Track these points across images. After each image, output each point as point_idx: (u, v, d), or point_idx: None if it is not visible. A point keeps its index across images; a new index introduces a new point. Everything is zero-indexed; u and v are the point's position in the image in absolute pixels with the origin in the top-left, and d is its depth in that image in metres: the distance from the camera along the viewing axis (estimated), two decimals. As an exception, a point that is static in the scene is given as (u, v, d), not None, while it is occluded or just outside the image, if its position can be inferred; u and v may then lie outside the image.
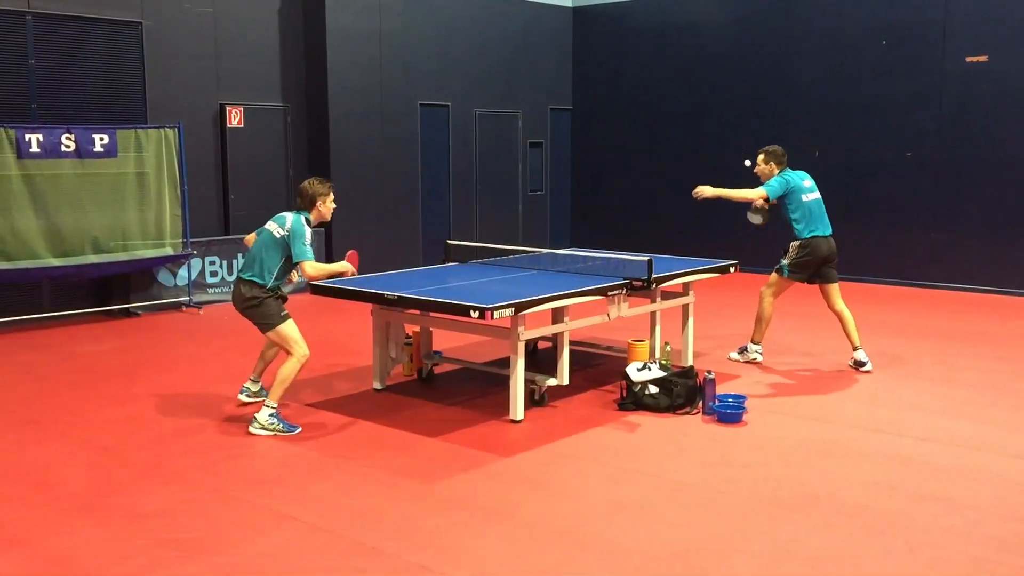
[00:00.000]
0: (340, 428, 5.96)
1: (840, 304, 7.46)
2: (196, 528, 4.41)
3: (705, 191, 7.40)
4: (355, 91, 11.72)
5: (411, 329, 7.12)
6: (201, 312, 10.07)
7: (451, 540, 4.28)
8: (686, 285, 7.39)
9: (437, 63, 12.71)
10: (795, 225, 7.38)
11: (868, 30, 11.80)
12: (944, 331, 8.97)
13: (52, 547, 4.22)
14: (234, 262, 10.70)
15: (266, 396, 6.10)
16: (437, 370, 7.32)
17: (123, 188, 9.50)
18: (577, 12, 14.66)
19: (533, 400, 6.37)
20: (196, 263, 10.37)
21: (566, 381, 6.35)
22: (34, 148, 8.78)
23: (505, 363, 6.32)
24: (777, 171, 7.48)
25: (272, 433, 5.73)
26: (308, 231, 5.91)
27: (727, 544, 4.24)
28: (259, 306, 5.85)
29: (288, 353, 5.87)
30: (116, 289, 9.93)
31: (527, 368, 6.18)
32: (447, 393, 6.80)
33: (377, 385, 6.84)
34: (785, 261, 7.45)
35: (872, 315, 9.77)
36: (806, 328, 8.85)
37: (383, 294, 6.20)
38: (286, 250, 5.87)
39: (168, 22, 10.29)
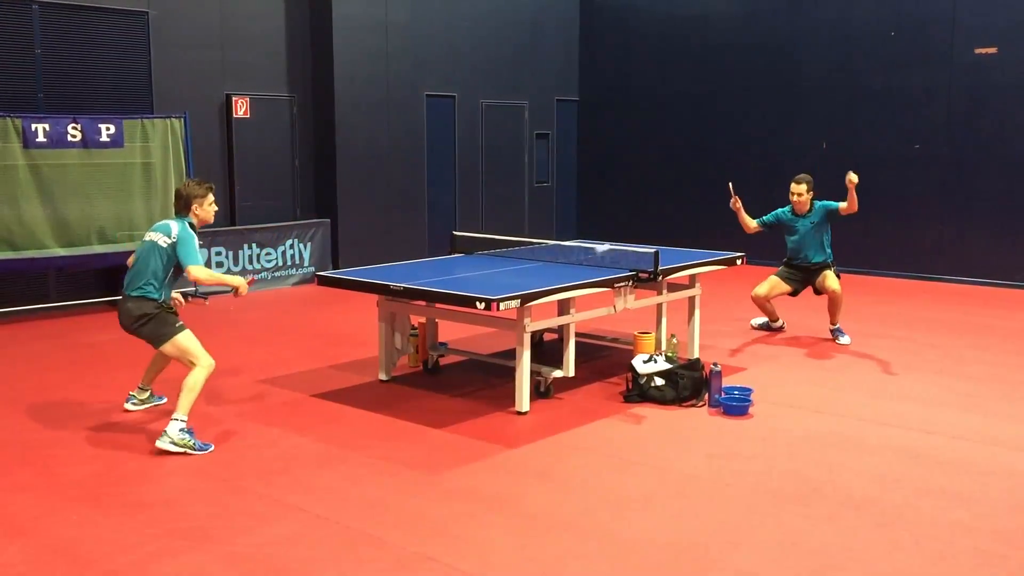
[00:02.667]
0: (346, 419, 5.96)
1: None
2: (201, 517, 4.42)
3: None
4: (361, 81, 11.69)
5: (417, 320, 7.11)
6: (207, 303, 10.02)
7: (456, 531, 4.28)
8: (693, 277, 7.37)
9: (444, 53, 12.68)
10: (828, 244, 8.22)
11: (876, 21, 11.74)
12: (951, 324, 8.94)
13: (57, 536, 4.23)
14: (240, 252, 10.71)
15: (157, 402, 6.15)
16: (443, 361, 7.31)
17: (129, 178, 9.49)
18: (584, 2, 14.60)
19: (539, 392, 6.36)
20: (202, 253, 10.36)
21: (572, 373, 6.34)
22: (40, 138, 8.78)
23: (511, 355, 6.31)
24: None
25: (183, 451, 5.23)
26: (195, 237, 5.65)
27: (733, 536, 4.23)
28: (151, 321, 5.51)
29: (191, 365, 5.48)
30: (122, 279, 9.91)
31: (533, 360, 6.16)
32: (453, 384, 6.79)
33: (383, 376, 6.83)
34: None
35: (879, 307, 9.74)
36: (816, 320, 8.82)
37: (389, 285, 6.20)
38: (173, 258, 5.59)
39: (174, 11, 10.27)
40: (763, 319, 8.50)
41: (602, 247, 7.52)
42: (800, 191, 8.07)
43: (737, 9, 13.03)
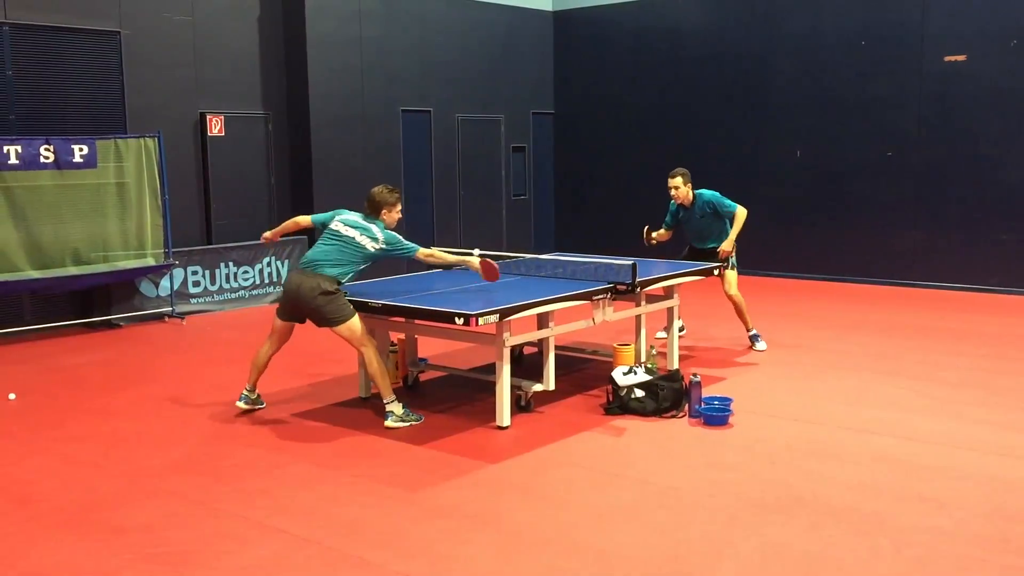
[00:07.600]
0: (326, 438, 5.93)
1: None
2: (181, 542, 4.38)
3: (727, 247, 8.16)
4: (336, 98, 11.69)
5: (396, 337, 7.10)
6: (184, 322, 10.01)
7: (439, 549, 4.27)
8: (671, 288, 7.40)
9: (419, 69, 12.70)
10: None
11: (846, 31, 11.87)
12: (926, 330, 9.02)
13: (35, 563, 4.18)
14: (216, 271, 10.64)
15: (260, 406, 6.50)
16: (423, 377, 7.29)
17: (103, 199, 9.43)
18: (558, 16, 14.68)
19: (519, 406, 6.36)
20: (178, 273, 10.31)
21: (552, 386, 6.35)
22: (12, 160, 8.71)
23: (491, 369, 6.30)
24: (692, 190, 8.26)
25: (408, 424, 6.05)
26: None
27: (715, 548, 4.24)
28: (333, 300, 6.03)
29: (361, 347, 6.10)
30: (98, 301, 9.86)
31: (513, 374, 6.16)
32: (433, 400, 6.78)
33: (362, 394, 6.81)
34: (733, 259, 8.21)
35: (854, 315, 9.82)
36: (793, 328, 8.87)
37: (367, 302, 6.18)
38: (370, 260, 6.20)
39: (147, 31, 10.23)
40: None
41: (580, 259, 7.53)
42: (675, 184, 8.19)
43: (709, 21, 13.14)
